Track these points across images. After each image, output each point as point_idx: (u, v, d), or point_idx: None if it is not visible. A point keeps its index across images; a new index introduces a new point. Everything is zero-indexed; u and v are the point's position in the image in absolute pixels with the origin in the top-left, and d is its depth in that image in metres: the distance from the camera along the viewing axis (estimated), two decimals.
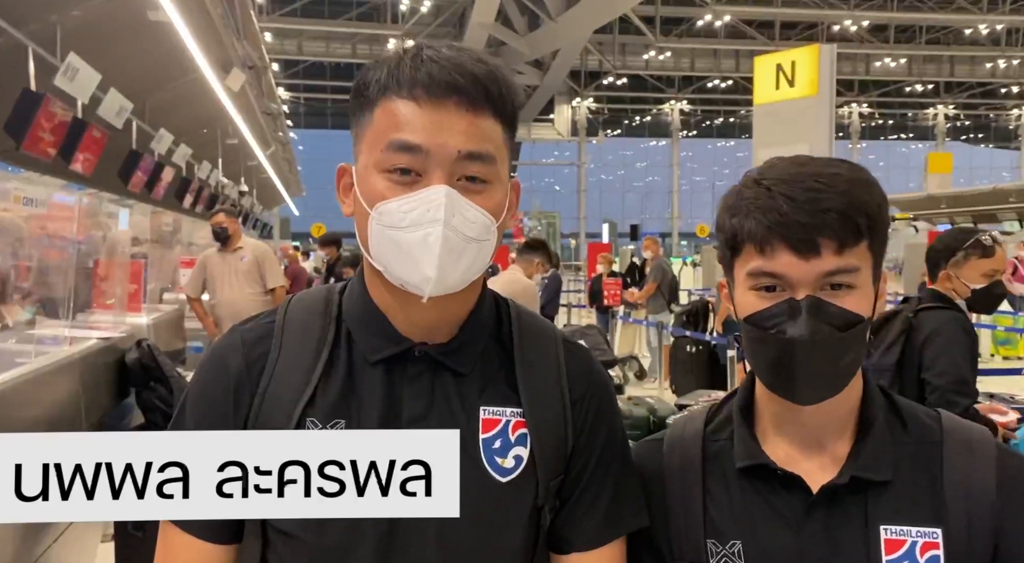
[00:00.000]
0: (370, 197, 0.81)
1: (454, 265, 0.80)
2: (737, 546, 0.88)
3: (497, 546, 0.85)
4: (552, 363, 0.91)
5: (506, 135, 0.85)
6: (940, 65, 33.00)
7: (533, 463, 0.86)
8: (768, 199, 0.81)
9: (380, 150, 0.81)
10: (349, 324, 0.89)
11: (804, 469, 0.87)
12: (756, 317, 0.83)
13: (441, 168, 0.79)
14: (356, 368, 0.86)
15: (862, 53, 31.09)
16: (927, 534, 0.83)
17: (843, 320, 0.81)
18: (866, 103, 35.25)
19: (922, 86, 34.27)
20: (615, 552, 0.92)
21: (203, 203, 12.60)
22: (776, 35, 29.32)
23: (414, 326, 0.87)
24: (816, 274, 0.80)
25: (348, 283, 0.92)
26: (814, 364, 0.81)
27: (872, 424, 0.87)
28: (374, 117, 0.82)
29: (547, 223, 32.38)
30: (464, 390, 0.87)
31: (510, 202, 0.87)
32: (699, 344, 6.66)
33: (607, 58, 31.08)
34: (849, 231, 0.80)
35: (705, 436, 0.95)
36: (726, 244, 0.87)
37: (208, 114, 11.04)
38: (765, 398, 0.91)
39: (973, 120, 38.09)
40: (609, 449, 0.92)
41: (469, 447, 0.84)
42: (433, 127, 0.79)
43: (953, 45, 31.28)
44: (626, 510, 0.92)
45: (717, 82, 33.32)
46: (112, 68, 6.57)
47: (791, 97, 13.99)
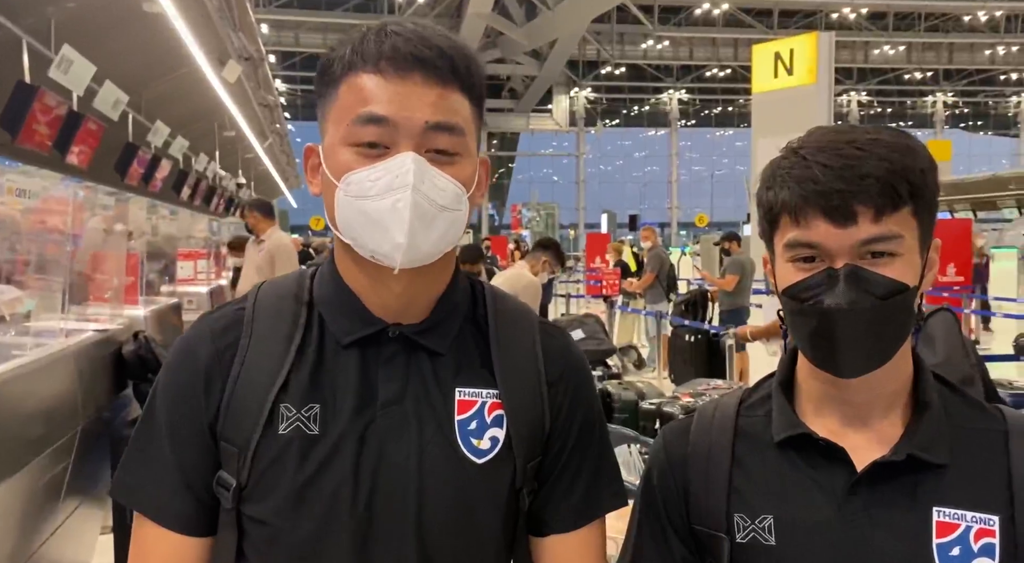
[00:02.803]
0: (337, 170, 0.80)
1: (425, 233, 0.79)
2: (768, 520, 0.84)
3: (475, 528, 0.84)
4: (528, 345, 0.90)
5: (473, 110, 0.84)
6: (939, 52, 32.91)
7: (510, 445, 0.85)
8: (804, 168, 0.79)
9: (347, 124, 0.80)
10: (321, 307, 0.87)
11: (848, 445, 0.83)
12: (794, 289, 0.81)
13: (409, 140, 0.79)
14: (329, 352, 0.85)
15: (861, 41, 30.99)
16: (983, 520, 0.79)
17: (884, 288, 0.78)
18: (865, 91, 35.19)
19: (921, 74, 34.20)
20: (594, 533, 0.92)
21: (201, 196, 12.58)
22: (775, 23, 29.20)
23: (387, 306, 0.85)
24: (853, 242, 0.78)
25: (319, 267, 0.91)
26: (855, 334, 0.78)
27: (928, 405, 0.84)
28: (339, 93, 0.81)
29: (546, 214, 32.37)
30: (440, 371, 0.86)
31: (480, 178, 0.86)
32: (697, 333, 6.66)
33: (605, 48, 30.97)
34: (887, 197, 0.77)
35: (739, 413, 0.91)
36: (764, 217, 0.85)
37: (205, 106, 11.01)
38: (806, 375, 0.88)
39: (972, 107, 38.01)
40: (587, 431, 0.91)
41: (445, 429, 0.84)
42: (400, 99, 0.78)
43: (952, 32, 31.19)
44: (604, 492, 0.92)
45: (716, 71, 33.22)
46: (107, 60, 6.55)
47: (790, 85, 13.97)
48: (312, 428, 0.82)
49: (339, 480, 0.81)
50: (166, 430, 0.85)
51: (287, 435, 0.82)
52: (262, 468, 0.82)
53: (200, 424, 0.84)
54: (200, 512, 0.85)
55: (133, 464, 0.87)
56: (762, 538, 0.84)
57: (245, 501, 0.83)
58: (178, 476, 0.85)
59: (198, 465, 0.84)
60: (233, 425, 0.83)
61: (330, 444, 0.82)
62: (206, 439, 0.84)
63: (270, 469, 0.81)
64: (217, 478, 0.84)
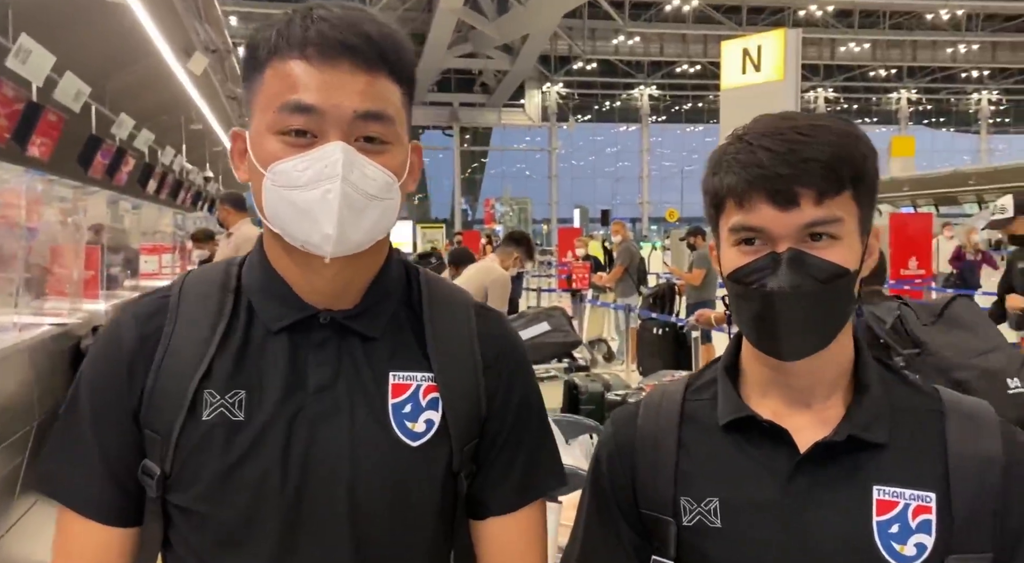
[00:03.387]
0: (264, 159, 0.79)
1: (356, 223, 0.79)
2: (714, 503, 0.86)
3: (410, 511, 0.84)
4: (464, 328, 0.90)
5: (404, 97, 0.84)
6: (903, 50, 33.47)
7: (446, 427, 0.86)
8: (748, 153, 0.81)
9: (273, 112, 0.79)
10: (249, 294, 0.86)
11: (791, 426, 0.85)
12: (738, 273, 0.82)
13: (337, 129, 0.78)
14: (257, 338, 0.84)
15: (827, 38, 31.40)
16: (921, 497, 0.82)
17: (825, 272, 0.79)
18: (831, 88, 35.66)
19: (885, 71, 34.75)
20: (533, 515, 0.92)
21: (167, 189, 12.38)
22: (743, 20, 29.47)
23: (317, 292, 0.85)
24: (796, 225, 0.79)
25: (248, 254, 0.91)
26: (796, 317, 0.79)
27: (868, 387, 0.86)
28: (265, 79, 0.80)
29: (519, 209, 32.37)
30: (373, 355, 0.85)
31: (412, 164, 0.86)
32: (665, 326, 6.73)
33: (577, 43, 31.02)
34: (829, 181, 0.79)
35: (685, 397, 0.93)
36: (711, 203, 0.86)
37: (171, 99, 10.82)
38: (751, 359, 0.89)
39: (935, 104, 38.73)
40: (524, 413, 0.91)
41: (378, 412, 0.84)
42: (327, 87, 0.77)
43: (915, 30, 31.74)
44: (543, 472, 0.92)
45: (686, 67, 33.43)
46: (68, 51, 6.41)
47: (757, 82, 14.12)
48: (237, 414, 0.81)
49: (266, 466, 0.81)
50: (89, 419, 0.84)
51: (210, 421, 0.81)
52: (185, 455, 0.81)
53: (123, 412, 0.83)
54: (125, 502, 0.84)
55: (56, 454, 0.86)
56: (708, 521, 0.86)
57: (170, 489, 0.82)
58: (102, 466, 0.84)
59: (122, 454, 0.83)
60: (156, 412, 0.82)
61: (256, 430, 0.81)
62: (130, 427, 0.83)
63: (193, 456, 0.81)
64: (142, 467, 0.83)
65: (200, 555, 0.83)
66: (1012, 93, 37.51)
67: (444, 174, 36.55)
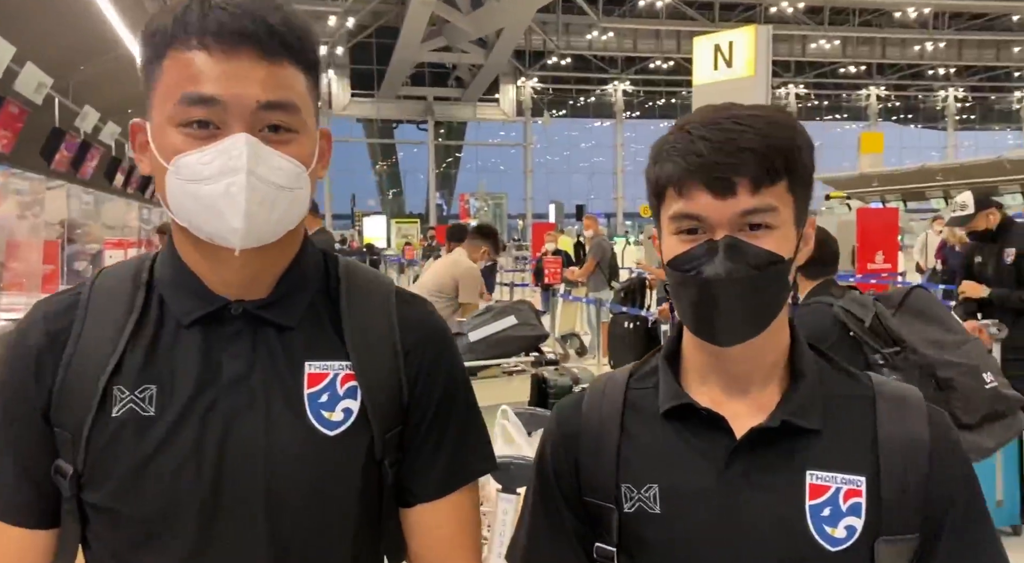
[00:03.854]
0: (166, 152, 0.78)
1: (265, 215, 0.78)
2: (653, 490, 0.88)
3: (330, 501, 0.84)
4: (382, 314, 0.89)
5: (310, 83, 0.83)
6: (872, 47, 33.92)
7: (365, 415, 0.85)
8: (688, 143, 0.82)
9: (173, 104, 0.77)
10: (161, 288, 0.86)
11: (728, 413, 0.87)
12: (677, 260, 0.84)
13: (241, 120, 0.77)
14: (169, 332, 0.84)
15: (799, 35, 31.71)
16: (851, 481, 0.84)
17: (761, 259, 0.81)
18: (802, 84, 36.05)
19: (855, 67, 35.20)
20: (463, 500, 0.92)
21: (135, 184, 12.19)
22: (716, 16, 29.68)
23: (227, 283, 0.84)
24: (733, 214, 0.81)
25: (160, 249, 0.90)
26: (732, 303, 0.81)
27: (803, 374, 0.88)
28: (163, 69, 0.78)
29: (494, 204, 32.33)
30: (289, 345, 0.85)
31: (321, 150, 0.85)
32: (636, 320, 6.78)
33: (551, 38, 31.02)
34: (765, 170, 0.80)
35: (628, 386, 0.94)
36: (652, 193, 0.88)
37: (138, 92, 10.57)
38: (691, 347, 0.91)
39: (903, 101, 39.31)
40: (449, 398, 0.91)
41: (294, 403, 0.83)
42: (228, 78, 0.76)
43: (884, 27, 32.18)
44: (471, 457, 0.93)
45: (659, 63, 33.60)
46: (29, 41, 6.28)
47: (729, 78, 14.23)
48: (147, 409, 0.81)
49: (180, 460, 0.80)
50: (1, 420, 0.83)
51: (120, 417, 0.80)
52: (97, 453, 0.80)
53: (33, 411, 0.82)
54: (42, 503, 0.83)
55: None
56: (648, 507, 0.88)
57: (83, 488, 0.81)
58: (16, 468, 0.83)
59: (35, 454, 0.82)
60: (65, 410, 0.81)
61: (167, 424, 0.80)
62: (41, 426, 0.82)
63: (105, 453, 0.80)
64: (55, 466, 0.82)
65: (117, 553, 0.82)
66: (977, 90, 38.24)
67: (419, 169, 36.41)
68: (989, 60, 34.97)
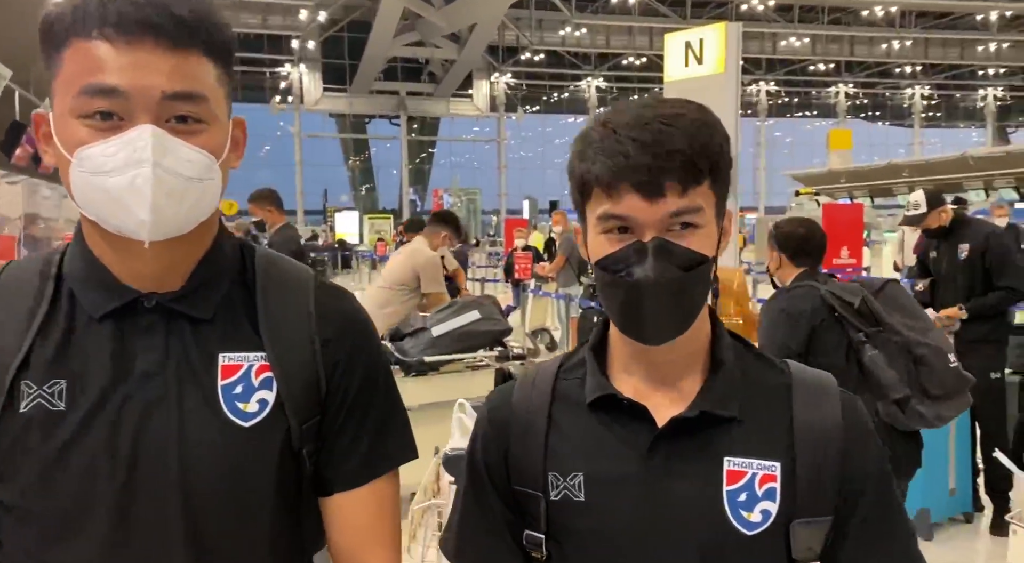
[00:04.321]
0: (69, 144, 0.77)
1: (174, 207, 0.77)
2: (578, 477, 0.89)
3: (246, 492, 0.84)
4: (300, 305, 0.89)
5: (220, 72, 0.82)
6: (841, 45, 34.37)
7: (281, 406, 0.85)
8: (615, 143, 0.82)
9: (73, 95, 0.76)
10: (70, 282, 0.85)
11: (651, 403, 0.89)
12: (606, 261, 0.85)
13: (146, 111, 0.76)
14: (79, 326, 0.83)
15: (769, 32, 32.05)
16: (767, 467, 0.87)
17: (688, 260, 0.83)
18: (773, 81, 36.43)
19: (824, 65, 35.65)
20: (382, 488, 0.92)
21: None
22: (687, 13, 29.87)
23: (139, 276, 0.83)
24: (662, 215, 0.82)
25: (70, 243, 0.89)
26: (660, 305, 0.83)
27: (723, 363, 0.90)
28: (64, 59, 0.77)
29: (468, 200, 32.26)
30: (203, 337, 0.85)
31: (235, 139, 0.85)
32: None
33: (524, 33, 31.01)
34: (692, 172, 0.82)
35: (557, 376, 0.96)
36: (577, 189, 0.88)
37: None
38: (617, 339, 0.93)
39: (871, 98, 39.93)
40: (369, 387, 0.92)
41: (208, 395, 0.83)
42: (131, 68, 0.75)
43: (853, 26, 32.63)
44: (390, 445, 0.93)
45: (632, 59, 33.74)
46: None
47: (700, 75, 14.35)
48: (56, 404, 0.80)
49: (91, 455, 0.79)
50: None
51: (27, 413, 0.80)
52: (5, 450, 0.79)
53: None
54: None
55: None
56: (573, 495, 0.89)
57: None
58: None
59: None
60: None
61: (77, 419, 0.80)
62: None
63: (13, 450, 0.79)
64: None
65: (30, 552, 0.81)
66: (943, 88, 38.94)
67: (392, 164, 36.23)
68: (954, 59, 35.63)
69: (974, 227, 4.01)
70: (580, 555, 0.90)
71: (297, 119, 31.35)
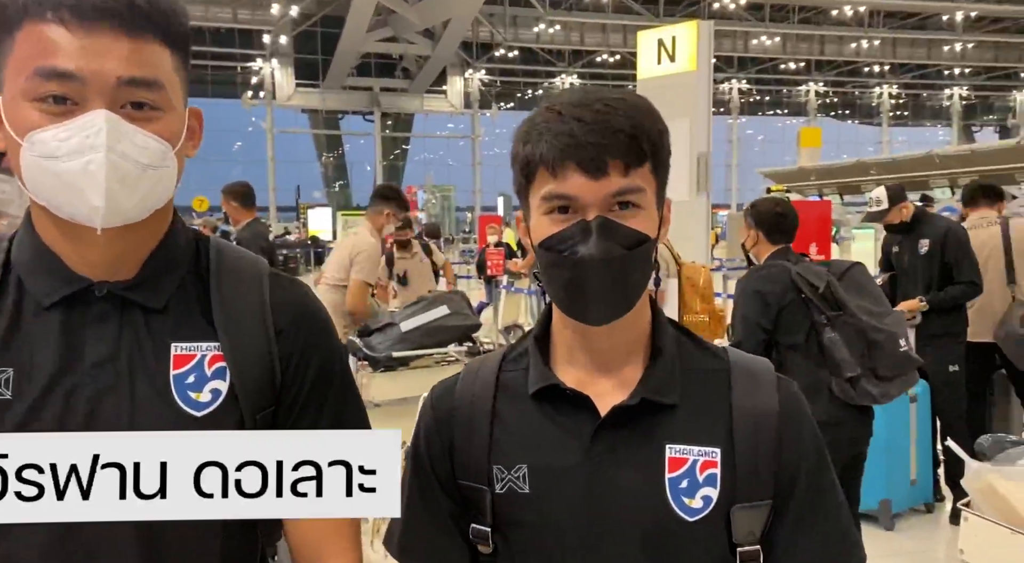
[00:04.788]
0: (20, 127, 0.76)
1: (128, 194, 0.77)
2: (523, 469, 0.89)
3: None
4: (254, 296, 0.89)
5: (177, 61, 0.82)
6: (811, 44, 34.81)
7: (234, 396, 0.85)
8: (560, 123, 0.83)
9: (26, 77, 0.75)
10: (19, 269, 0.84)
11: (594, 392, 0.89)
12: (550, 241, 0.85)
13: (101, 96, 0.75)
14: (28, 315, 0.82)
15: (741, 31, 32.35)
16: (707, 453, 0.87)
17: (631, 239, 0.83)
18: (744, 79, 36.80)
19: (795, 64, 36.09)
20: None
21: None
22: (660, 11, 30.05)
23: (90, 264, 0.83)
24: (605, 194, 0.83)
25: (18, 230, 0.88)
26: (604, 282, 0.83)
27: (662, 351, 0.91)
28: (16, 41, 0.76)
29: (442, 197, 32.19)
30: (155, 327, 0.84)
31: (190, 129, 0.85)
32: None
33: (498, 30, 30.99)
34: (634, 152, 0.83)
35: (501, 368, 0.96)
36: (521, 172, 0.88)
37: None
38: (559, 327, 0.93)
39: (841, 97, 40.51)
40: (325, 377, 0.92)
41: (159, 385, 0.83)
42: (86, 53, 0.75)
43: (823, 25, 33.06)
44: None
45: (606, 57, 33.88)
46: None
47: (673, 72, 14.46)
48: (3, 393, 0.80)
49: None
50: None
51: None
52: None
53: None
54: None
55: None
56: (517, 487, 0.89)
57: None
58: None
59: None
60: None
61: (25, 408, 0.79)
62: None
63: None
64: None
65: None
66: (910, 87, 39.63)
67: (365, 160, 36.02)
68: (921, 58, 36.26)
69: (934, 223, 4.10)
70: (526, 546, 0.90)
71: (269, 115, 31.04)
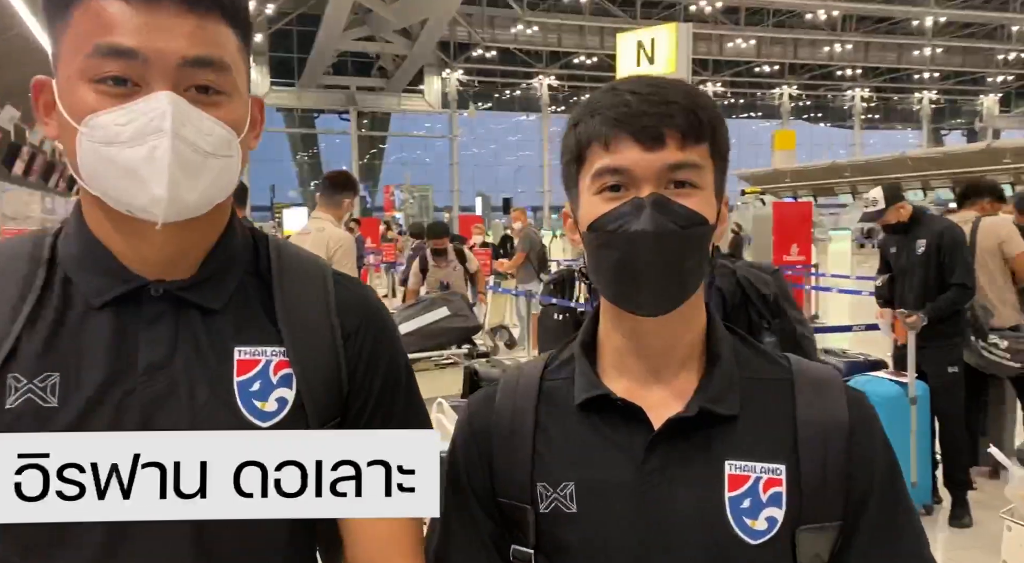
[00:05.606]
0: (76, 111, 0.70)
1: (191, 184, 0.71)
2: (569, 488, 0.82)
3: None
4: (319, 297, 0.83)
5: (240, 43, 0.77)
6: (785, 47, 35.25)
7: (301, 405, 0.79)
8: (614, 97, 0.80)
9: (84, 56, 0.70)
10: (66, 266, 0.78)
11: (646, 403, 0.83)
12: (600, 221, 0.79)
13: (164, 77, 0.69)
14: (75, 315, 0.76)
15: (717, 34, 32.65)
16: (771, 470, 0.80)
17: (686, 218, 0.78)
18: (720, 82, 37.14)
19: (769, 67, 36.51)
20: None
21: (37, 172, 11.47)
22: (637, 14, 30.22)
23: (146, 261, 0.77)
24: (661, 166, 0.78)
25: (63, 224, 0.82)
26: (657, 262, 0.77)
27: (719, 357, 0.84)
28: (73, 18, 0.71)
29: (420, 196, 32.05)
30: (216, 329, 0.78)
31: (253, 118, 0.79)
32: (565, 312, 6.82)
33: (476, 30, 30.93)
34: (692, 124, 0.79)
35: (543, 376, 0.89)
36: (572, 158, 0.84)
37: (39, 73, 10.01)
38: (608, 331, 0.87)
39: (814, 100, 41.08)
40: (391, 384, 0.86)
41: (221, 392, 0.77)
42: (149, 29, 0.69)
43: (796, 28, 33.49)
44: None
45: (583, 58, 33.97)
46: None
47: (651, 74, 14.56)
48: (49, 400, 0.73)
49: None
50: None
51: (16, 409, 0.73)
52: None
53: None
54: None
55: None
56: (564, 506, 0.83)
57: None
58: None
59: None
60: None
61: (72, 416, 0.73)
62: None
63: None
64: None
65: (26, 553, 0.74)
66: (881, 91, 40.31)
67: (341, 160, 35.70)
68: (892, 62, 36.90)
69: (931, 223, 4.11)
70: None
71: None
